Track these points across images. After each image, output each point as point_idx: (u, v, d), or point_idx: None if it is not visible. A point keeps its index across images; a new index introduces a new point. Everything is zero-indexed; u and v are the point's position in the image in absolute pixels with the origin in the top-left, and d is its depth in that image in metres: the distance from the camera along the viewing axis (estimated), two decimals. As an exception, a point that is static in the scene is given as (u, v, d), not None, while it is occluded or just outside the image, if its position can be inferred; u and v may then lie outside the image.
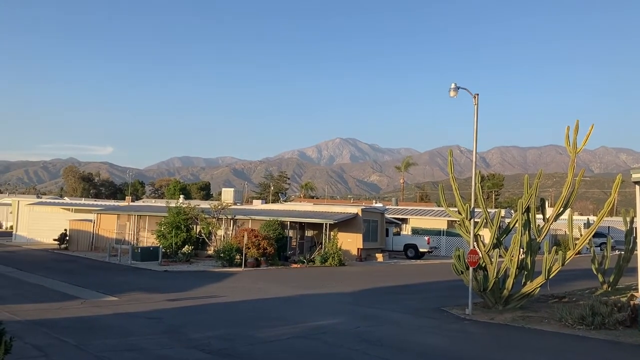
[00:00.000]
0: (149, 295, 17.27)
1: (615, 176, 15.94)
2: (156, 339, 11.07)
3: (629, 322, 13.28)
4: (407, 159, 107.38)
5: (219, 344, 10.68)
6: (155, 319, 13.27)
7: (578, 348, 11.49)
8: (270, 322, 13.48)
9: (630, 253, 20.80)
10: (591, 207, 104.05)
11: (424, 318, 14.70)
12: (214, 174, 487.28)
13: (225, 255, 27.60)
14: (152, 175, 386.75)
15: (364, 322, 13.65)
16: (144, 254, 28.63)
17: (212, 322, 13.24)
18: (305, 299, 17.70)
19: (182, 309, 14.94)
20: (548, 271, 15.39)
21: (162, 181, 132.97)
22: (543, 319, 14.40)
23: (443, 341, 12.05)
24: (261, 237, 28.54)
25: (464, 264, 16.00)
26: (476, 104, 16.95)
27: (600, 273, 21.34)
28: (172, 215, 31.98)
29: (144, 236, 35.94)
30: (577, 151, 15.88)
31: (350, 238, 33.66)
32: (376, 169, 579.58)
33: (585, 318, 13.30)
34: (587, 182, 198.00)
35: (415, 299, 18.35)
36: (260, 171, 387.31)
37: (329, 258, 30.25)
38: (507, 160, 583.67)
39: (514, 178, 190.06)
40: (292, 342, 11.13)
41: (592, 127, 15.86)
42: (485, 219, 16.89)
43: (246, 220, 33.50)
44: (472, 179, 16.96)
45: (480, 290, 16.27)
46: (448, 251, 42.13)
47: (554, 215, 16.21)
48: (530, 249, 16.27)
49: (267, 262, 28.49)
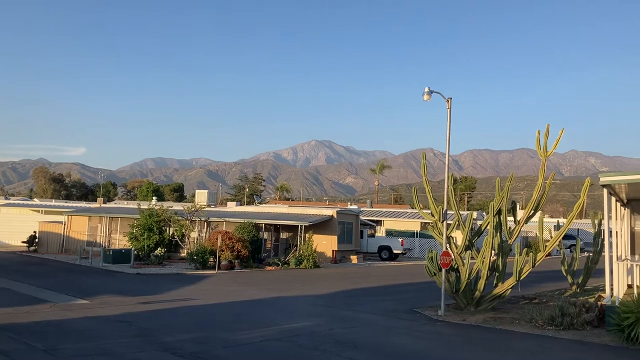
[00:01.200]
0: (121, 298, 17.03)
1: (585, 179, 16.26)
2: (128, 343, 10.92)
3: (597, 323, 13.57)
4: (382, 162, 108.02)
5: (191, 347, 10.58)
6: (127, 323, 13.09)
7: (547, 348, 11.68)
8: (244, 324, 13.41)
9: (598, 255, 21.23)
10: (561, 209, 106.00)
11: (397, 319, 14.79)
12: (187, 175, 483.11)
13: (199, 258, 27.38)
14: (125, 176, 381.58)
15: (338, 324, 13.67)
16: (116, 257, 28.25)
17: (185, 325, 13.11)
18: (279, 302, 17.66)
19: (155, 312, 14.77)
20: (519, 273, 15.62)
21: (135, 182, 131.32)
22: (514, 319, 14.61)
23: (416, 342, 12.14)
24: (235, 240, 28.39)
25: (437, 265, 16.16)
26: (449, 108, 17.15)
27: (569, 274, 21.76)
28: (145, 217, 31.63)
29: (115, 238, 35.48)
30: (547, 155, 16.15)
31: (325, 240, 33.71)
32: (351, 171, 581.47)
33: (555, 319, 13.55)
34: (558, 185, 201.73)
35: (389, 301, 18.45)
36: (235, 173, 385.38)
37: (304, 260, 30.24)
38: (479, 163, 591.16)
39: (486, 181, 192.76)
40: (265, 345, 11.09)
41: (562, 131, 16.18)
42: (457, 221, 17.08)
43: (220, 223, 33.31)
44: (445, 182, 17.14)
45: (452, 292, 16.44)
46: (421, 253, 42.50)
47: (525, 217, 16.46)
48: (501, 250, 16.49)
49: (242, 264, 28.34)
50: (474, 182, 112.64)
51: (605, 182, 13.55)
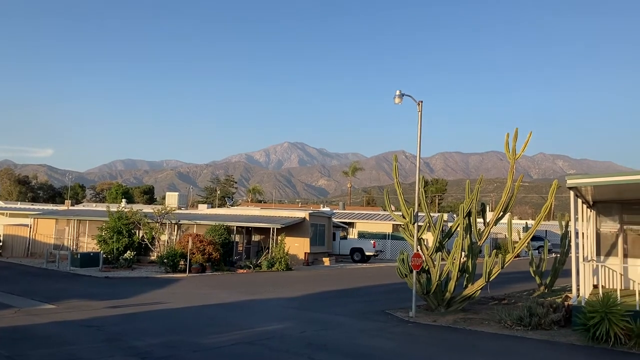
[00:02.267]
0: (89, 303, 16.72)
1: (553, 182, 16.56)
2: (96, 348, 10.72)
3: (564, 322, 13.83)
4: (354, 164, 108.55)
5: (161, 352, 10.44)
6: (95, 327, 12.85)
7: (516, 348, 11.85)
8: (214, 328, 13.29)
9: (565, 256, 21.64)
10: (530, 211, 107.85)
11: (369, 321, 14.84)
12: (158, 177, 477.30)
13: (169, 261, 27.07)
14: (94, 178, 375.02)
15: (309, 327, 13.65)
16: (84, 260, 27.74)
17: (155, 330, 12.93)
18: (251, 305, 17.56)
19: (124, 316, 14.53)
20: (488, 274, 15.83)
21: (104, 185, 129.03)
22: (483, 320, 14.80)
23: (387, 344, 12.19)
24: (206, 242, 28.16)
25: (408, 267, 16.27)
26: (420, 111, 17.29)
27: (537, 275, 22.13)
28: (114, 220, 31.17)
29: (84, 241, 34.87)
30: (516, 157, 16.40)
31: (298, 242, 33.68)
32: (324, 173, 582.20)
33: (523, 319, 13.77)
34: (526, 188, 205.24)
35: (361, 302, 18.51)
36: (207, 175, 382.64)
37: (276, 263, 30.16)
38: (450, 166, 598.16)
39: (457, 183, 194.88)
40: (236, 349, 11.01)
41: (530, 134, 16.45)
42: (428, 223, 17.24)
43: (191, 225, 33.01)
44: (416, 184, 17.27)
45: (423, 293, 16.57)
46: (393, 254, 42.78)
47: (494, 219, 16.69)
48: (471, 252, 16.69)
49: (213, 267, 28.12)
50: (445, 185, 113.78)
51: (571, 185, 13.83)
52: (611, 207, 18.19)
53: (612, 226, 18.18)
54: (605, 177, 13.91)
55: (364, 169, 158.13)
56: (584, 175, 14.23)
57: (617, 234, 17.96)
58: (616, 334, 11.46)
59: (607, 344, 11.52)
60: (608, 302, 11.73)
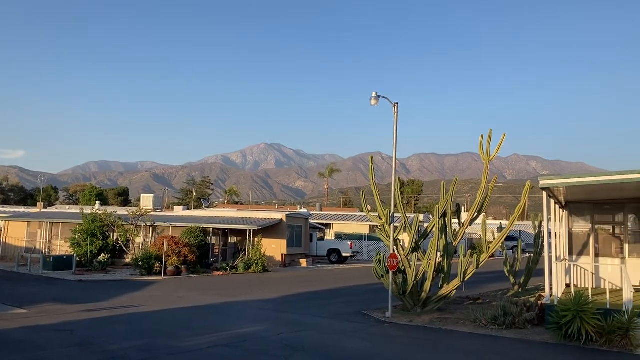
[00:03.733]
0: (62, 307, 16.43)
1: (526, 183, 16.80)
2: (68, 353, 10.54)
3: (537, 321, 14.02)
4: (331, 166, 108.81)
5: (136, 355, 10.31)
6: (68, 331, 12.63)
7: (490, 347, 11.99)
8: (191, 331, 13.17)
9: (538, 255, 21.92)
10: (504, 211, 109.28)
11: (345, 322, 14.86)
12: (133, 179, 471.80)
13: (144, 264, 26.78)
14: (67, 180, 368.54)
15: (286, 329, 13.62)
16: (57, 263, 27.28)
17: (130, 333, 12.76)
18: (227, 307, 17.45)
19: (98, 320, 14.32)
20: (464, 274, 15.98)
21: (78, 187, 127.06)
22: (459, 320, 14.93)
23: (364, 345, 12.23)
24: (182, 245, 27.93)
25: (385, 267, 16.34)
26: (396, 113, 17.39)
27: (511, 275, 22.39)
28: (87, 222, 30.72)
29: (57, 244, 34.28)
30: (490, 159, 16.60)
31: (275, 244, 33.60)
32: (301, 174, 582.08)
33: (498, 318, 13.93)
34: (500, 188, 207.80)
35: (338, 304, 18.53)
36: (182, 176, 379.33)
37: (253, 264, 30.04)
38: (426, 167, 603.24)
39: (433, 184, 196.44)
40: (213, 351, 10.93)
41: (504, 136, 16.67)
42: (404, 223, 17.33)
43: (166, 227, 32.70)
44: (392, 185, 17.37)
45: (399, 294, 16.65)
46: (370, 255, 42.92)
47: (469, 219, 16.87)
48: (447, 252, 16.84)
49: (189, 270, 27.89)
50: (421, 186, 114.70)
51: (544, 185, 14.05)
52: (583, 208, 18.53)
53: (584, 226, 18.52)
54: (577, 178, 14.17)
55: (341, 170, 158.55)
56: (556, 176, 14.47)
57: (589, 234, 18.30)
58: (588, 332, 11.66)
59: (579, 342, 11.72)
60: (580, 301, 11.94)
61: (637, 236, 17.91)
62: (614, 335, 11.53)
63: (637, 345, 11.43)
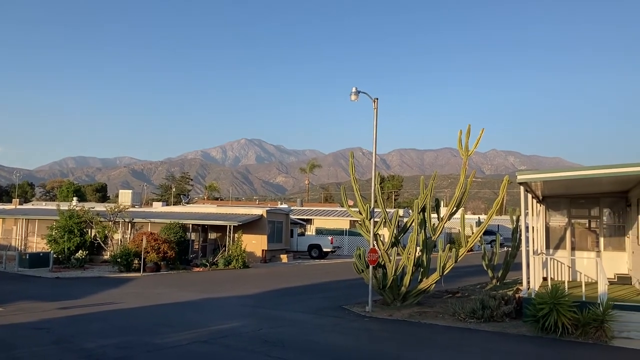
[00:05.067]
0: (38, 304, 16.19)
1: (504, 177, 16.97)
2: (45, 351, 10.39)
3: (515, 314, 14.21)
4: (312, 161, 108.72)
5: (114, 353, 10.20)
6: (44, 330, 12.45)
7: (469, 340, 12.11)
8: (170, 328, 13.07)
9: (516, 249, 22.19)
10: (483, 206, 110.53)
11: (325, 317, 14.89)
12: (111, 175, 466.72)
13: (123, 260, 26.52)
14: (44, 176, 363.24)
15: (266, 324, 13.60)
16: (33, 261, 26.86)
17: (108, 331, 12.62)
18: (206, 303, 17.37)
19: (75, 318, 14.14)
20: (442, 268, 16.13)
21: (54, 182, 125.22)
22: (438, 313, 15.06)
23: (344, 339, 12.27)
24: (161, 241, 27.71)
25: (365, 262, 16.40)
26: (376, 108, 17.42)
27: (490, 269, 22.65)
28: (65, 218, 30.32)
29: (33, 241, 33.81)
30: (468, 154, 16.73)
31: (255, 240, 33.51)
32: (282, 170, 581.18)
33: (476, 312, 14.08)
34: (479, 183, 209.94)
35: (318, 299, 18.56)
36: (162, 172, 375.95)
37: (233, 260, 29.93)
38: (406, 162, 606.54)
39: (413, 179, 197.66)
40: (192, 348, 10.87)
41: (483, 131, 16.79)
42: (384, 218, 17.40)
43: (145, 224, 32.42)
44: (372, 180, 17.42)
45: (379, 288, 16.74)
46: (351, 250, 43.04)
47: (448, 214, 17.00)
48: (426, 247, 16.96)
49: (168, 266, 27.69)
50: (401, 181, 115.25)
51: (522, 180, 14.22)
52: (560, 202, 18.80)
53: (560, 220, 18.79)
54: (554, 173, 14.37)
55: (322, 165, 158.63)
56: (533, 171, 14.65)
57: (566, 228, 18.58)
58: (564, 324, 11.85)
59: (555, 334, 11.91)
60: (556, 294, 12.12)
61: (612, 230, 18.24)
62: (589, 327, 11.73)
63: (611, 336, 11.66)
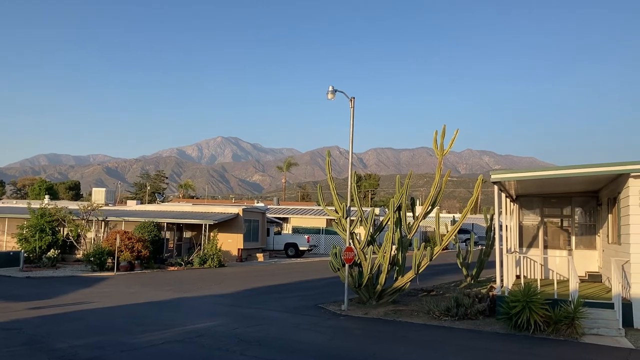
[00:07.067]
0: (8, 304, 15.86)
1: (479, 177, 17.15)
2: (15, 352, 10.18)
3: (489, 312, 14.39)
4: (289, 159, 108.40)
5: (87, 354, 10.05)
6: (14, 330, 12.20)
7: (443, 338, 12.23)
8: (144, 327, 12.93)
9: (490, 248, 22.50)
10: (458, 205, 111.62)
11: (301, 316, 14.89)
12: (84, 172, 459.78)
13: (96, 259, 26.15)
14: (15, 173, 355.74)
15: (242, 323, 13.54)
16: (3, 260, 26.34)
17: (81, 331, 12.43)
18: (181, 302, 17.22)
19: (46, 318, 13.89)
20: (418, 266, 16.25)
21: (26, 180, 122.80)
22: (413, 312, 15.17)
23: (319, 337, 12.28)
24: (135, 240, 27.40)
25: (341, 261, 16.44)
26: (352, 107, 17.46)
27: (464, 267, 22.92)
28: (36, 217, 29.78)
29: (2, 240, 33.15)
30: (443, 153, 16.87)
31: (231, 238, 33.34)
32: (259, 168, 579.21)
33: (451, 309, 14.22)
34: (454, 182, 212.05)
35: (294, 297, 18.55)
36: (136, 170, 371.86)
37: (208, 259, 29.75)
38: (382, 161, 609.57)
39: (389, 178, 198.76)
40: (167, 347, 10.76)
41: (457, 131, 16.95)
42: (360, 217, 17.46)
43: (119, 222, 32.02)
44: (349, 179, 17.46)
45: (355, 286, 16.80)
46: (327, 249, 43.12)
47: (423, 213, 17.12)
48: (401, 245, 17.07)
49: (142, 265, 27.40)
50: (377, 180, 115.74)
51: (495, 179, 14.41)
52: (533, 201, 19.10)
53: (533, 219, 19.09)
54: (526, 172, 14.59)
55: (299, 164, 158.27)
56: (507, 171, 14.86)
57: (538, 227, 18.88)
58: (536, 322, 12.04)
59: (528, 332, 12.10)
60: (529, 292, 12.31)
61: (583, 229, 18.59)
62: (560, 324, 11.94)
63: (582, 333, 11.88)
